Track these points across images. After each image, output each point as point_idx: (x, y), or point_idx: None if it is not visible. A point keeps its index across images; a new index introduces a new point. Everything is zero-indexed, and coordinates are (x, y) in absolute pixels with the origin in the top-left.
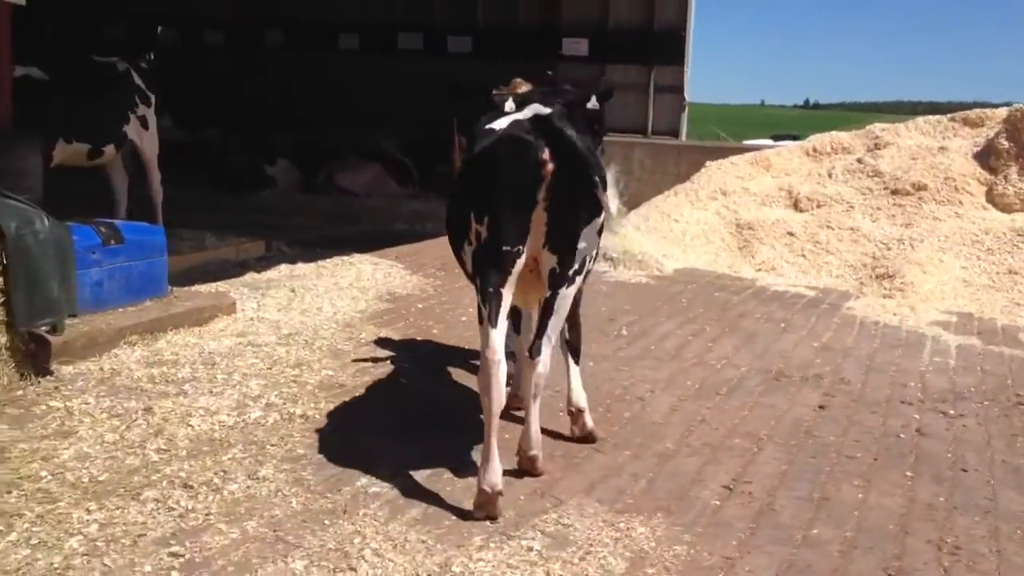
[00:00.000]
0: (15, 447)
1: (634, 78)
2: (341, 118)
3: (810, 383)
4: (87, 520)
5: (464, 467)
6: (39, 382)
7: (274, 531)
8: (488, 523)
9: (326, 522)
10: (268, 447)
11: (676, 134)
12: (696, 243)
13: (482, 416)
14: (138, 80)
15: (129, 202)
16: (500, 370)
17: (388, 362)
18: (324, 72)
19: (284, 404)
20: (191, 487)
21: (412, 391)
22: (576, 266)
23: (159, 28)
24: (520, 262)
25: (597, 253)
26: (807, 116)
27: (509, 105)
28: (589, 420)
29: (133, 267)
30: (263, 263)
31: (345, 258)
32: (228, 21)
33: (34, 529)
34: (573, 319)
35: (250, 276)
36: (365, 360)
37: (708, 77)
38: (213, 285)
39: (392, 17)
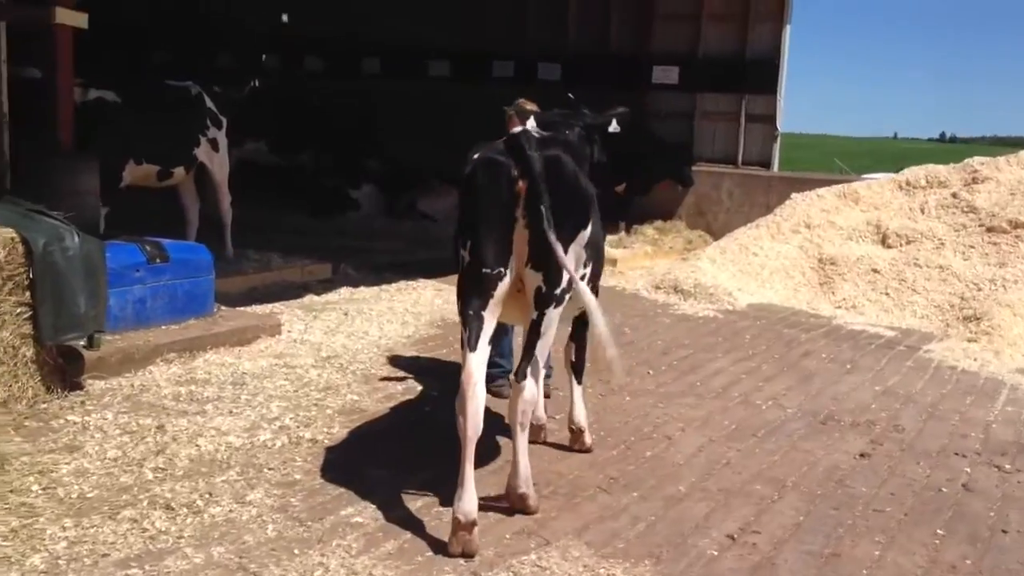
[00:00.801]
0: (18, 459)
1: (725, 107)
2: (430, 144)
3: (859, 429)
4: (58, 537)
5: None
6: (66, 396)
7: (239, 558)
8: (462, 560)
9: (295, 551)
10: (266, 471)
11: (767, 164)
12: (775, 277)
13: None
14: (210, 104)
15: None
16: (476, 394)
17: (417, 388)
18: (415, 98)
19: (297, 427)
20: (172, 508)
21: (431, 419)
22: (564, 284)
23: (264, 55)
24: (503, 284)
25: (596, 270)
26: (941, 150)
27: (531, 124)
28: (588, 439)
29: (178, 286)
30: (326, 286)
31: (410, 283)
32: (328, 48)
33: (3, 543)
34: (579, 340)
35: (309, 298)
36: (395, 384)
37: (836, 108)
38: (268, 306)
39: (485, 44)
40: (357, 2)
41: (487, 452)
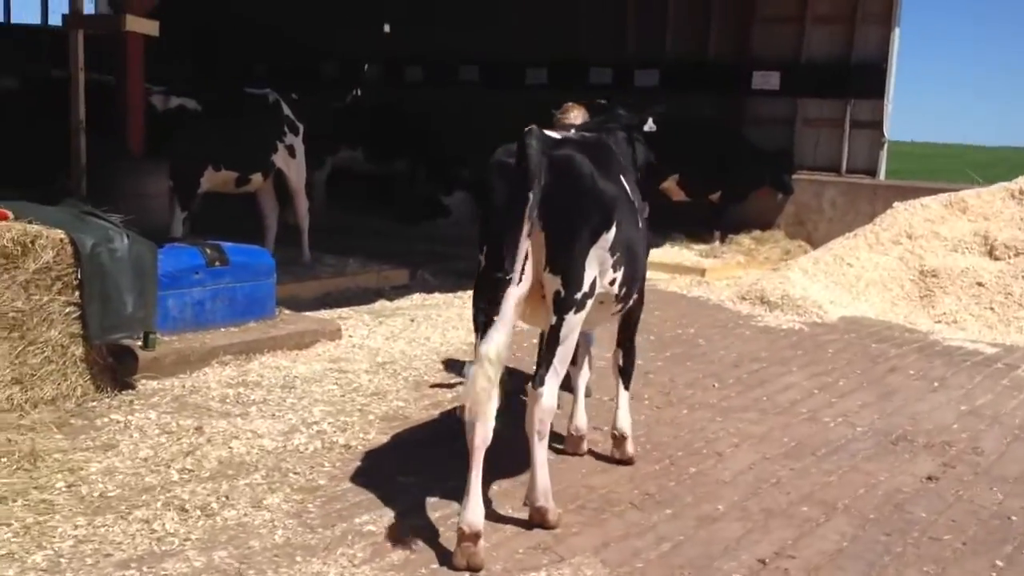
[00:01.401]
0: (52, 456)
1: (828, 113)
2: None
3: (932, 450)
4: (67, 535)
5: None
6: (116, 395)
7: (239, 563)
8: (467, 574)
9: (297, 558)
10: (291, 475)
11: (873, 172)
12: (871, 290)
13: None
14: (287, 111)
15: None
16: (489, 408)
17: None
18: (511, 106)
19: (333, 432)
20: (186, 511)
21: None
22: (586, 289)
23: (366, 66)
24: (515, 290)
25: (631, 274)
26: None
27: (574, 128)
28: (631, 448)
29: (238, 289)
30: (400, 291)
31: None
32: (427, 58)
33: (12, 540)
34: (627, 346)
35: (380, 303)
36: (445, 391)
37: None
38: (337, 311)
39: (583, 52)
40: (456, 12)
41: (523, 463)
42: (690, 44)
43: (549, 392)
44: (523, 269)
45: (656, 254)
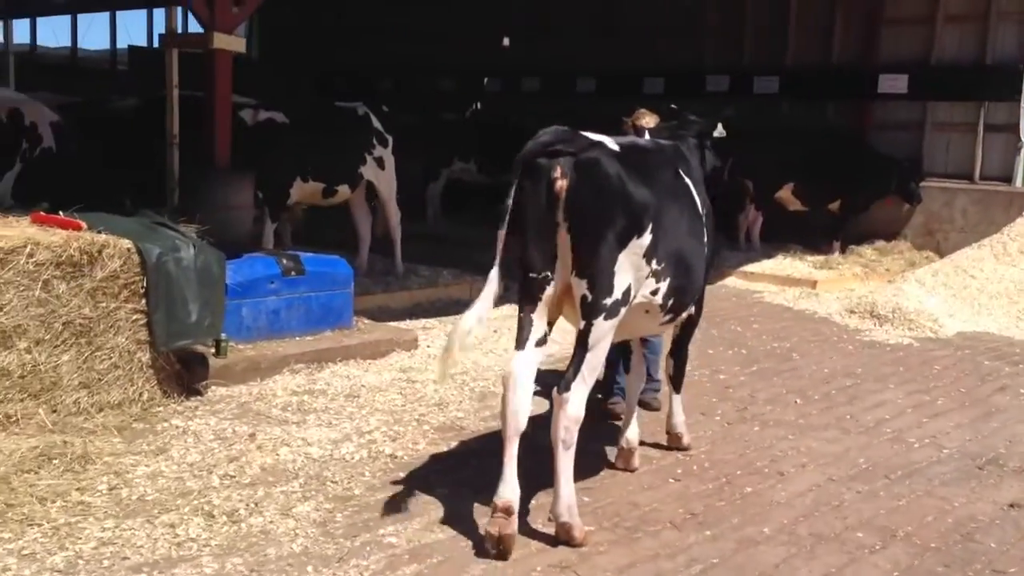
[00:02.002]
0: (102, 459)
1: (960, 117)
2: None
3: (1023, 476)
4: (93, 537)
5: None
6: (182, 401)
7: (251, 571)
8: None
9: (309, 568)
10: (329, 484)
11: (1009, 179)
12: (995, 303)
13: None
14: (376, 123)
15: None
16: (517, 392)
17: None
18: (617, 118)
19: (383, 442)
20: (213, 516)
21: (525, 441)
22: (617, 295)
23: (485, 80)
24: (550, 289)
25: (681, 285)
26: None
27: (645, 135)
28: (687, 439)
29: (313, 298)
30: None
31: None
32: (545, 71)
33: (39, 539)
34: (678, 356)
35: None
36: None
37: None
38: (422, 321)
39: (699, 60)
40: (573, 24)
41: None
42: (812, 48)
43: (576, 399)
44: (553, 268)
45: (765, 265)
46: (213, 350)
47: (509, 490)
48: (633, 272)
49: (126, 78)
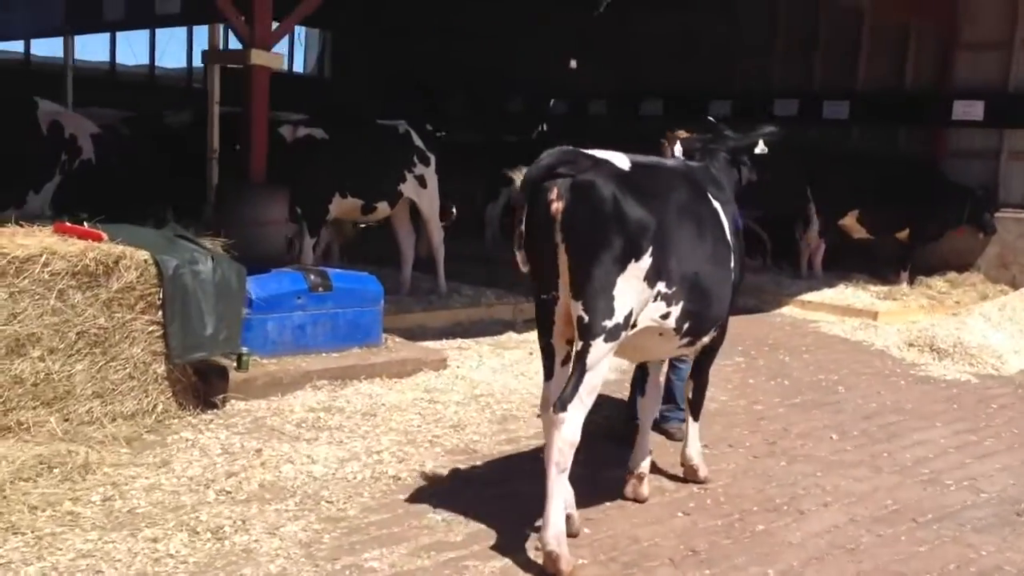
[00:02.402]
0: (102, 470)
1: None
2: None
3: None
4: (73, 549)
5: (490, 557)
6: (198, 414)
7: None
8: None
9: None
10: (324, 503)
11: None
12: None
13: None
14: (418, 142)
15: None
16: (555, 427)
17: None
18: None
19: (390, 462)
20: (198, 532)
21: (534, 468)
22: (618, 319)
23: (551, 101)
24: (559, 309)
25: (697, 310)
26: None
27: (678, 151)
28: (704, 471)
29: (340, 315)
30: (533, 324)
31: None
32: (611, 93)
33: (20, 548)
34: (698, 380)
35: (508, 335)
36: (528, 427)
37: None
38: (458, 340)
39: (768, 83)
40: (640, 46)
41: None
42: (885, 72)
43: (573, 421)
44: (559, 288)
45: (826, 295)
46: (235, 364)
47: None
48: (635, 295)
49: (201, 96)
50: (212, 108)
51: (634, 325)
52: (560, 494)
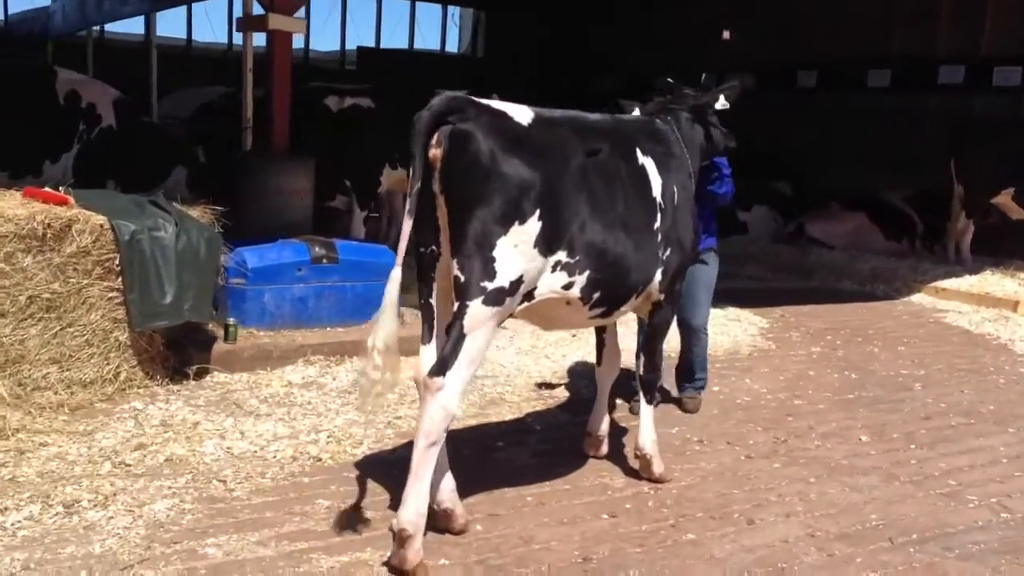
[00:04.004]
0: (18, 435)
1: None
2: (843, 162)
3: None
4: None
5: (343, 551)
6: (166, 383)
7: (24, 569)
8: None
9: (83, 574)
10: (214, 482)
11: None
12: None
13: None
14: None
15: None
16: (429, 393)
17: (526, 420)
18: (849, 113)
19: (323, 443)
20: (51, 506)
21: (485, 456)
22: (501, 283)
23: (703, 76)
24: (442, 264)
25: (611, 278)
26: None
27: (635, 113)
28: (659, 467)
29: (347, 288)
30: None
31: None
32: (761, 66)
33: None
34: (649, 353)
35: None
36: (510, 413)
37: None
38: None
39: (932, 49)
40: (791, 14)
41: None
42: None
43: (448, 389)
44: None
45: (965, 282)
46: (221, 335)
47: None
48: (522, 261)
49: (353, 78)
50: (246, 76)
51: (531, 297)
52: (426, 472)
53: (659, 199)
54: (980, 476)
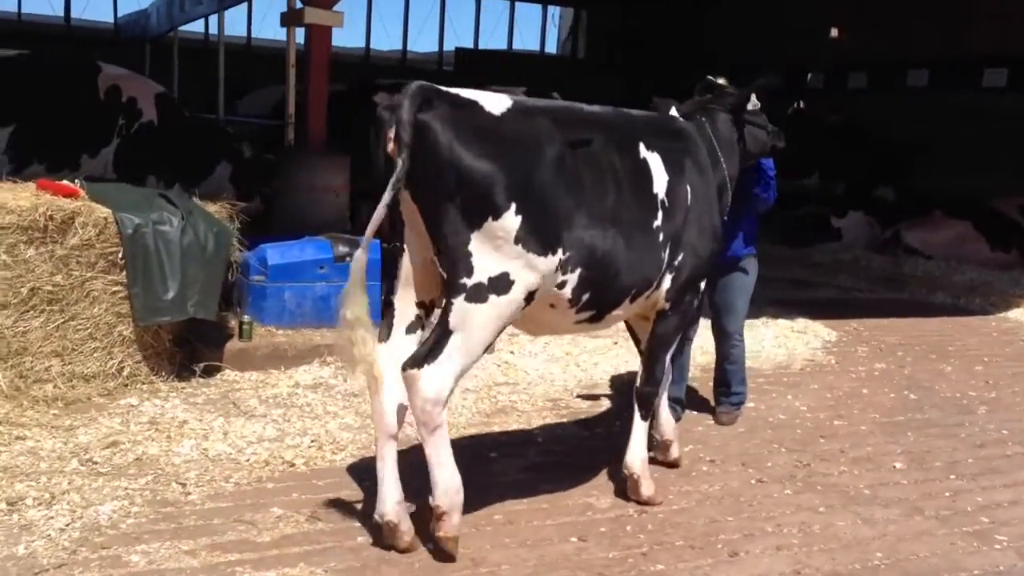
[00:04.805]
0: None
1: None
2: (954, 167)
3: None
4: None
5: (272, 566)
6: (170, 380)
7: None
8: None
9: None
10: (174, 484)
11: None
12: None
13: None
14: None
15: None
16: (383, 393)
17: (531, 432)
18: (961, 113)
19: (305, 448)
20: (19, 501)
21: (494, 471)
22: (480, 278)
23: (808, 75)
24: (404, 262)
25: (602, 279)
26: None
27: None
28: (646, 488)
29: (374, 288)
30: None
31: (769, 321)
32: (871, 63)
33: None
34: (650, 367)
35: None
36: (515, 422)
37: None
38: None
39: None
40: (908, 11)
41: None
42: None
43: (430, 376)
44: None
45: None
46: (237, 333)
47: (385, 503)
48: (507, 258)
49: (450, 79)
50: (288, 72)
51: (531, 299)
52: (443, 455)
53: (662, 197)
54: (1019, 514)
